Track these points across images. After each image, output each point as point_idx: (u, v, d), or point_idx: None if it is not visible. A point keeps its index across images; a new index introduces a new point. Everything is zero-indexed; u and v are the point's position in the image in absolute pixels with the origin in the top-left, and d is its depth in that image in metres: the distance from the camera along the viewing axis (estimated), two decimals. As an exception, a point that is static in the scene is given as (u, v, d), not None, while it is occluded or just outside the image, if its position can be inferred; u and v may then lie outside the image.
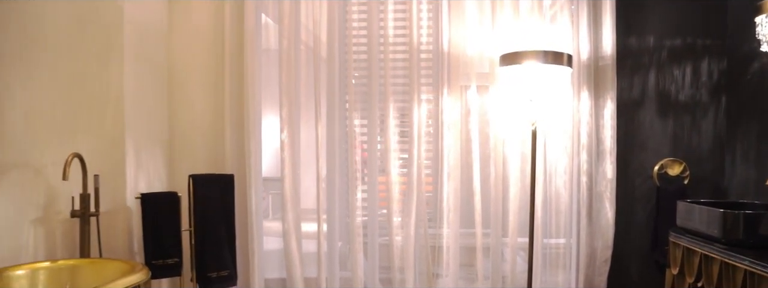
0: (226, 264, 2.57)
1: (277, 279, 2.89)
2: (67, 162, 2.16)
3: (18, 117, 2.18)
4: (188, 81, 2.91)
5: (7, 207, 2.15)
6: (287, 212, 2.79)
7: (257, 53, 2.78)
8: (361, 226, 2.81)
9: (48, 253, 2.31)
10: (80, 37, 2.46)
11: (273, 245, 2.99)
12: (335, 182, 2.81)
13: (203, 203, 2.54)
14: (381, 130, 2.80)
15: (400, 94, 2.85)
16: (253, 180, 2.79)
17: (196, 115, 2.90)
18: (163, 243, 2.44)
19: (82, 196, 2.32)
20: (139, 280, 1.96)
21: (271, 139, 3.11)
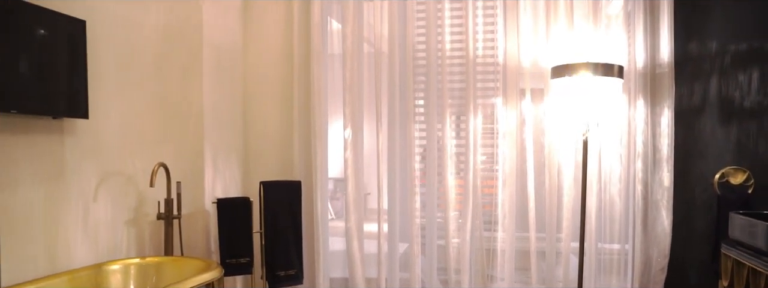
0: (293, 263, 2.79)
1: (341, 278, 3.09)
2: (153, 171, 2.44)
3: (114, 130, 2.49)
4: (261, 94, 3.15)
5: (106, 210, 2.46)
6: (350, 214, 2.98)
7: (323, 71, 2.98)
8: (420, 228, 2.95)
9: (138, 250, 2.61)
10: (166, 58, 2.75)
11: (341, 246, 3.18)
12: (396, 186, 2.97)
13: (273, 208, 2.76)
14: (439, 138, 2.93)
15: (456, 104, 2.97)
16: (319, 186, 2.99)
17: (267, 126, 3.14)
18: (236, 244, 2.69)
19: (167, 200, 2.60)
20: (213, 278, 2.20)
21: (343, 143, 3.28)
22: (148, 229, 2.66)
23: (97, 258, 2.38)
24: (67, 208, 2.26)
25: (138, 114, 2.61)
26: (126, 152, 2.55)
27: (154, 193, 2.64)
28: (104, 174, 2.44)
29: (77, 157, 2.31)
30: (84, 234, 2.34)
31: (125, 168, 2.55)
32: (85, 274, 2.23)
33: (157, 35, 2.71)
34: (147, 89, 2.66)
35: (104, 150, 2.44)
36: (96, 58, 2.35)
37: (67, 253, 2.26)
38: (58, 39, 2.15)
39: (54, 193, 2.20)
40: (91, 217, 2.38)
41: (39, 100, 2.07)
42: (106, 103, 2.44)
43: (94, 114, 2.35)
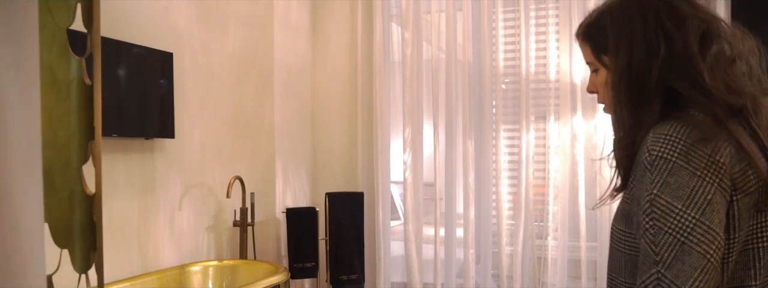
0: (355, 268, 3.04)
1: (401, 283, 3.31)
2: (230, 183, 2.76)
3: (196, 147, 2.84)
4: (328, 111, 3.43)
5: (189, 217, 2.82)
6: (408, 222, 3.19)
7: (385, 90, 3.22)
8: (474, 237, 3.12)
9: (217, 254, 2.95)
10: (241, 80, 3.08)
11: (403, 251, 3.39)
12: (454, 197, 3.15)
13: (337, 217, 3.03)
14: (494, 152, 3.08)
15: (510, 121, 3.11)
16: (381, 196, 3.22)
17: (333, 140, 3.41)
18: (303, 249, 2.97)
19: (242, 209, 2.92)
20: (281, 280, 2.49)
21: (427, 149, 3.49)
22: (226, 234, 3.00)
23: (181, 260, 2.74)
24: (157, 216, 2.62)
25: (217, 132, 2.95)
26: (206, 166, 2.90)
27: (231, 202, 2.98)
28: (188, 186, 2.79)
29: (165, 172, 2.67)
30: (170, 239, 2.70)
31: (206, 180, 2.90)
32: (171, 274, 2.58)
33: (234, 60, 3.05)
34: (225, 109, 3.00)
35: (188, 165, 2.80)
36: (181, 83, 2.71)
37: (156, 255, 2.62)
38: (150, 70, 2.51)
39: (146, 203, 2.57)
40: (176, 224, 2.73)
41: (134, 124, 2.44)
42: (190, 123, 2.79)
43: (180, 133, 2.71)
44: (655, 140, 0.87)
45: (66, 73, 1.50)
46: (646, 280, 0.83)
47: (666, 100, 0.91)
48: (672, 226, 0.82)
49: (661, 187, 0.84)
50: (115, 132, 2.33)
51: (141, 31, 2.52)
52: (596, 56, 0.99)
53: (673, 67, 0.90)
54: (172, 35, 2.69)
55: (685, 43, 0.90)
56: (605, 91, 1.00)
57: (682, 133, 0.85)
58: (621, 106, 0.93)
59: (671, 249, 0.81)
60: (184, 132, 2.75)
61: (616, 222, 0.98)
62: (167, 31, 2.66)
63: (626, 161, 0.94)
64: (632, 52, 0.92)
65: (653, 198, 0.84)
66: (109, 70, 2.32)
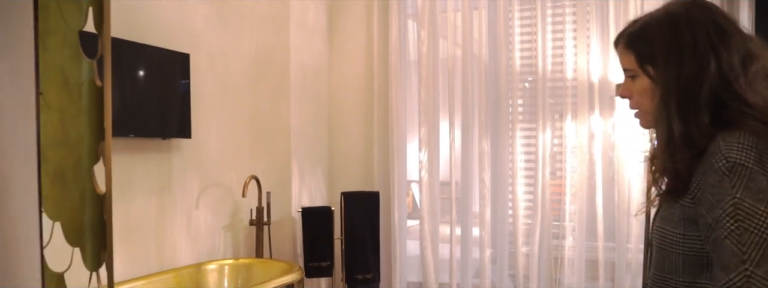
0: (370, 268, 3.05)
1: (416, 282, 3.31)
2: (245, 183, 2.80)
3: (213, 147, 2.88)
4: (344, 112, 3.45)
5: (207, 216, 2.86)
6: (424, 222, 3.19)
7: (401, 88, 3.22)
8: (490, 237, 3.11)
9: (234, 252, 2.99)
10: (257, 80, 3.11)
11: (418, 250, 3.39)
12: (469, 196, 3.14)
13: (352, 216, 3.04)
14: (510, 152, 3.06)
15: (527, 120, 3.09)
16: (397, 195, 3.23)
17: (350, 141, 3.43)
18: (318, 248, 2.99)
19: (258, 209, 2.96)
20: (294, 279, 2.51)
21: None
22: (242, 233, 3.04)
23: (198, 258, 2.78)
24: (174, 215, 2.67)
25: (233, 132, 2.99)
26: (223, 166, 2.94)
27: (247, 202, 3.01)
28: (205, 185, 2.84)
29: (182, 171, 2.71)
30: (187, 237, 2.75)
31: (223, 180, 2.94)
32: (187, 272, 2.62)
33: (250, 61, 3.08)
34: (241, 109, 3.03)
35: (205, 164, 2.84)
36: (198, 84, 2.75)
37: (173, 254, 2.67)
38: (167, 71, 2.56)
39: (163, 202, 2.62)
40: (193, 223, 2.78)
41: (151, 124, 2.48)
42: (207, 123, 2.83)
43: (196, 133, 2.75)
44: (729, 148, 0.93)
45: (77, 75, 1.53)
46: (733, 278, 0.89)
47: (713, 111, 0.98)
48: (757, 227, 0.89)
49: (743, 191, 0.90)
50: (133, 132, 2.38)
51: (158, 33, 2.56)
52: (640, 65, 1.04)
53: (721, 82, 0.97)
54: (189, 37, 2.73)
55: (730, 60, 0.97)
56: (642, 99, 1.07)
57: (750, 141, 0.92)
58: (671, 117, 0.99)
59: (758, 248, 0.88)
60: (201, 132, 2.79)
61: (668, 225, 1.03)
62: (184, 32, 2.71)
63: (685, 168, 0.99)
64: (683, 67, 0.98)
65: (737, 202, 0.90)
66: (127, 72, 2.37)
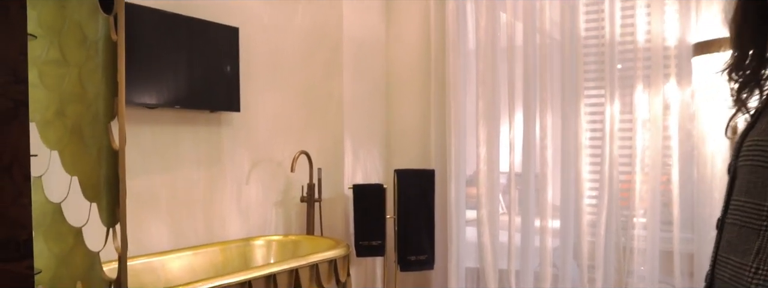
0: (424, 249, 2.97)
1: (472, 268, 3.19)
2: (294, 158, 2.80)
3: (264, 121, 2.91)
4: (402, 87, 3.38)
5: (258, 192, 2.89)
6: (482, 206, 3.06)
7: (459, 62, 3.10)
8: (552, 219, 2.93)
9: (285, 229, 3.01)
10: (309, 54, 3.11)
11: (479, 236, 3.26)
12: (530, 176, 2.98)
13: (405, 194, 2.97)
14: (574, 127, 2.86)
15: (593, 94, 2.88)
16: (454, 175, 3.12)
17: (407, 117, 3.36)
18: (369, 227, 2.95)
19: (309, 185, 2.96)
20: (337, 255, 2.47)
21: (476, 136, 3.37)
22: (294, 210, 3.05)
23: (247, 233, 2.82)
24: (223, 188, 2.72)
25: (285, 106, 3.01)
26: (275, 141, 2.96)
27: (300, 178, 3.02)
28: (256, 160, 2.87)
29: (232, 145, 2.76)
30: (238, 212, 2.79)
31: (274, 155, 2.96)
32: (235, 246, 2.66)
33: (301, 34, 3.08)
34: (292, 84, 3.04)
35: (255, 139, 2.87)
36: (248, 57, 2.78)
37: (223, 227, 2.71)
38: (215, 44, 2.60)
39: (212, 175, 2.67)
40: (243, 198, 2.82)
41: (199, 97, 2.53)
42: (257, 97, 2.86)
43: (247, 107, 2.78)
44: None
45: (95, 31, 1.57)
46: None
47: None
48: None
49: None
50: (179, 104, 2.43)
51: (208, 7, 2.61)
52: None
53: None
54: (239, 10, 2.76)
55: None
56: None
57: None
58: None
59: None
60: (252, 106, 2.82)
61: (746, 196, 0.83)
62: (234, 6, 2.74)
63: None
64: None
65: None
66: (175, 45, 2.42)
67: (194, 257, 2.48)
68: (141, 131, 2.37)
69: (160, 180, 2.45)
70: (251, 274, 2.07)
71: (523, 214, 3.00)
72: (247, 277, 2.05)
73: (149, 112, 2.40)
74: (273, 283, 2.15)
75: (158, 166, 2.45)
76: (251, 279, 2.05)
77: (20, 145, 1.14)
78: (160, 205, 2.45)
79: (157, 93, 2.35)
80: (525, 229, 3.00)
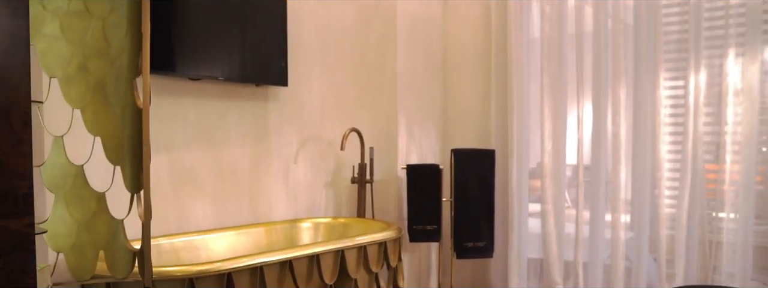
0: (482, 235, 2.77)
1: (536, 259, 2.96)
2: (344, 135, 2.66)
3: (314, 98, 2.78)
4: (460, 64, 3.18)
5: (306, 171, 2.77)
6: (547, 188, 2.83)
7: (522, 37, 2.89)
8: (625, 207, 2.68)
9: (335, 211, 2.88)
10: (361, 29, 2.96)
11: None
12: (601, 158, 2.73)
13: (463, 176, 2.78)
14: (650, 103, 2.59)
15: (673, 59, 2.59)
16: (516, 157, 2.91)
17: (466, 93, 3.16)
18: (424, 210, 2.78)
19: (360, 165, 2.81)
20: (386, 238, 2.31)
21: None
22: (345, 191, 2.92)
23: (295, 214, 2.70)
24: (270, 167, 2.61)
25: (335, 82, 2.87)
26: (325, 118, 2.83)
27: (351, 158, 2.88)
28: (304, 138, 2.75)
29: (279, 122, 2.65)
30: (285, 192, 2.68)
31: (324, 133, 2.83)
32: (281, 228, 2.55)
33: (353, 8, 2.93)
34: (343, 59, 2.90)
35: (305, 116, 2.75)
36: (297, 31, 2.66)
37: (269, 208, 2.61)
38: (261, 15, 2.49)
39: (258, 153, 2.56)
40: (291, 177, 2.70)
41: (244, 70, 2.42)
42: (306, 72, 2.74)
43: (295, 82, 2.66)
44: None
45: (119, -20, 1.47)
46: None
47: None
48: None
49: None
50: (222, 75, 2.33)
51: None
52: None
53: None
54: (286, -20, 2.65)
55: None
56: None
57: None
58: None
59: None
60: (300, 81, 2.71)
61: None
62: (281, -26, 2.62)
63: None
64: None
65: None
66: (220, 15, 2.33)
67: (237, 237, 2.38)
68: (183, 104, 2.28)
69: (204, 156, 2.36)
70: (293, 253, 1.94)
71: (592, 207, 2.76)
72: (288, 256, 1.92)
73: (192, 84, 2.31)
74: (316, 264, 2.02)
75: (202, 142, 2.36)
76: (293, 258, 1.93)
77: (19, 87, 1.03)
78: (203, 183, 2.36)
79: (200, 64, 2.26)
80: (594, 221, 2.76)
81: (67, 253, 1.40)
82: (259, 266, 1.82)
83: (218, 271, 1.71)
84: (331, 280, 2.08)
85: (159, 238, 2.13)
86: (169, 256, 2.15)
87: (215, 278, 1.71)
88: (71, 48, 1.38)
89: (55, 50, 1.37)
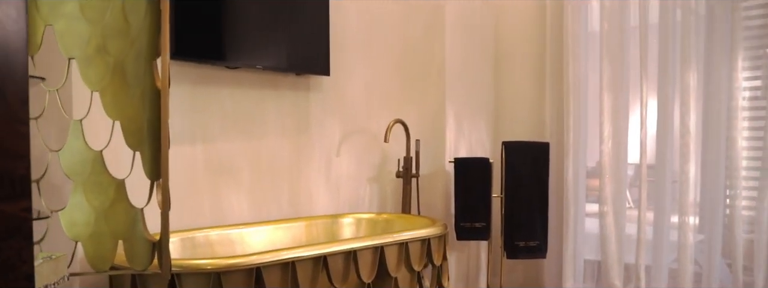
0: (535, 234, 2.61)
1: (593, 261, 2.78)
2: (388, 127, 2.56)
3: (357, 88, 2.69)
4: (513, 54, 3.03)
5: (349, 165, 2.68)
6: (605, 186, 2.65)
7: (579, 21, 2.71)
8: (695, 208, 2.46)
9: (380, 206, 2.78)
10: (407, 17, 2.84)
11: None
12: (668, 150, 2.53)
13: (515, 171, 2.63)
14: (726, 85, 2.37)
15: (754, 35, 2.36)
16: (572, 148, 2.73)
17: (519, 83, 3.00)
18: (472, 206, 2.64)
19: (405, 158, 2.70)
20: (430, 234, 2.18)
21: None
22: (390, 186, 2.81)
23: (337, 210, 2.62)
24: (311, 160, 2.53)
25: (380, 73, 2.77)
26: (369, 110, 2.73)
27: (398, 151, 2.77)
28: (347, 130, 2.66)
29: (321, 113, 2.56)
30: (326, 186, 2.59)
31: (368, 125, 2.74)
32: (321, 223, 2.47)
33: (400, -6, 2.83)
34: (388, 47, 2.79)
35: (348, 107, 2.66)
36: (339, 18, 2.57)
37: (309, 202, 2.53)
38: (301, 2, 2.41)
39: (299, 145, 2.49)
40: (333, 171, 2.62)
41: (283, 57, 2.35)
42: (350, 62, 2.65)
43: (337, 71, 2.58)
44: None
45: (140, -45, 1.40)
46: None
47: None
48: None
49: None
50: (261, 63, 2.27)
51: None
52: None
53: None
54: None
55: None
56: None
57: None
58: None
59: None
60: (343, 71, 2.62)
61: None
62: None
63: None
64: None
65: None
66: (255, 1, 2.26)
67: (275, 232, 2.31)
68: (220, 94, 2.23)
69: (242, 148, 2.31)
70: (328, 249, 1.85)
71: (657, 208, 2.55)
72: (323, 251, 1.83)
73: (229, 72, 2.25)
74: (353, 260, 1.92)
75: (239, 133, 2.30)
76: (328, 254, 1.83)
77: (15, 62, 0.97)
78: (241, 175, 2.30)
79: (237, 52, 2.20)
80: (658, 222, 2.55)
81: (85, 242, 1.34)
82: (291, 261, 1.73)
83: (247, 266, 1.63)
84: (370, 278, 1.97)
85: (194, 231, 2.09)
86: (203, 250, 2.10)
87: (244, 273, 1.64)
88: (90, 28, 1.33)
89: (73, 30, 1.32)
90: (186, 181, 2.13)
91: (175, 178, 2.09)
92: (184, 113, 2.10)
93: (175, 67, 2.07)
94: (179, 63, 2.08)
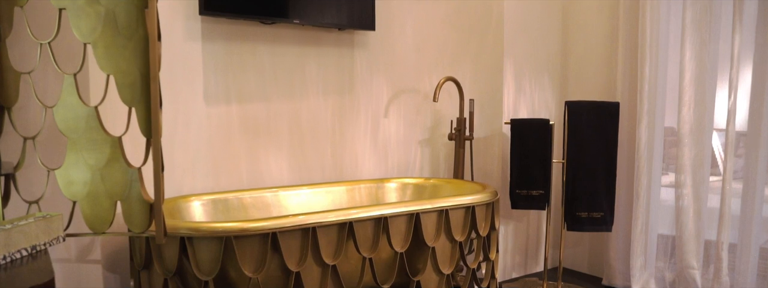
0: (601, 205, 2.40)
1: (667, 236, 2.53)
2: (438, 85, 2.40)
3: (407, 45, 2.54)
4: (583, 4, 2.76)
5: (398, 127, 2.56)
6: (683, 162, 2.37)
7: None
8: None
9: (432, 171, 2.65)
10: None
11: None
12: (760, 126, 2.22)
13: (579, 134, 2.41)
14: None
15: None
16: (646, 109, 2.47)
17: (589, 39, 2.74)
18: (529, 172, 2.45)
19: (458, 119, 2.54)
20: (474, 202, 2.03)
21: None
22: (443, 150, 2.67)
23: (385, 174, 2.52)
24: (356, 121, 2.43)
25: (432, 28, 2.60)
26: (420, 68, 2.58)
27: (452, 112, 2.62)
28: (396, 90, 2.53)
29: (367, 71, 2.44)
30: (373, 149, 2.49)
31: (420, 85, 2.59)
32: (365, 187, 2.38)
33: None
34: (444, 2, 2.61)
35: (397, 65, 2.52)
36: (380, -35, 2.42)
37: (355, 166, 2.44)
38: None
39: (343, 105, 2.39)
40: (381, 133, 2.51)
41: (324, 11, 2.24)
42: (398, 15, 2.49)
43: (385, 27, 2.44)
44: None
45: None
46: None
47: None
48: None
49: None
50: (299, 18, 2.16)
51: None
52: None
53: None
54: None
55: None
56: None
57: None
58: None
59: None
60: (391, 25, 2.47)
61: None
62: None
63: None
64: None
65: None
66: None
67: (314, 196, 2.25)
68: (256, 50, 2.15)
69: (281, 108, 2.23)
70: (353, 215, 1.74)
71: (747, 179, 2.26)
72: (347, 217, 1.73)
73: (265, 28, 2.17)
74: (384, 228, 1.81)
75: (279, 92, 2.22)
76: (354, 220, 1.74)
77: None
78: (280, 136, 2.24)
79: (273, 5, 2.10)
80: (747, 195, 2.27)
81: (82, 202, 1.31)
82: (312, 227, 1.65)
83: (262, 230, 1.57)
84: (403, 248, 1.86)
85: (227, 193, 2.05)
86: (237, 213, 2.06)
87: (259, 238, 1.57)
88: (80, -25, 1.27)
89: (63, -22, 1.26)
90: (221, 143, 2.08)
91: (209, 140, 2.05)
92: (217, 72, 2.05)
93: (207, 23, 2.01)
94: (211, 19, 2.01)
